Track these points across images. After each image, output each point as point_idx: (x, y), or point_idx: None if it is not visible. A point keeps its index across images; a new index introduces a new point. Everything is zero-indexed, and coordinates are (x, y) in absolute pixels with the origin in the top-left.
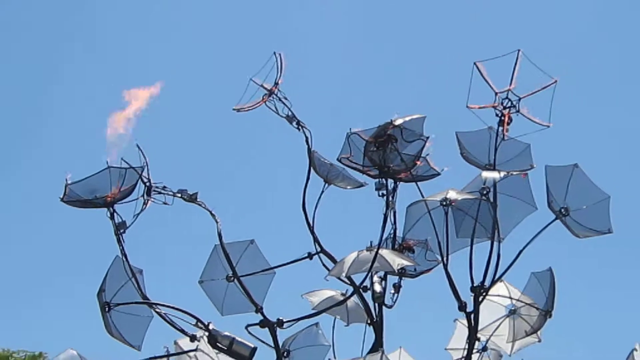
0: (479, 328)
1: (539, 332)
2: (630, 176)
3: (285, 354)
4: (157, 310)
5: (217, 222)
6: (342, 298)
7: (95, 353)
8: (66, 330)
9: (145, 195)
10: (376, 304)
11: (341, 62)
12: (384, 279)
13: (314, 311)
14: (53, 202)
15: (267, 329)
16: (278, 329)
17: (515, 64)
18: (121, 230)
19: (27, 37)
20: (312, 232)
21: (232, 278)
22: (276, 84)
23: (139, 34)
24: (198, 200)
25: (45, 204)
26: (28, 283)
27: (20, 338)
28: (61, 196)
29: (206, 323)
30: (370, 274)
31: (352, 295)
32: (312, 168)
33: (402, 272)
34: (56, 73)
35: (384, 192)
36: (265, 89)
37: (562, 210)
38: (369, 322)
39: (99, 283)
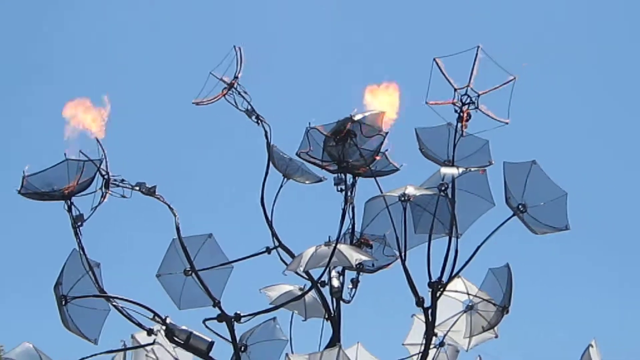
0: (436, 323)
1: (495, 328)
2: (588, 173)
3: (242, 349)
4: (114, 303)
5: (175, 216)
6: (300, 293)
7: (52, 347)
8: (22, 324)
9: (103, 188)
10: (334, 299)
11: (301, 57)
12: (341, 274)
13: (271, 306)
14: (10, 195)
15: (224, 323)
16: (235, 323)
17: (475, 60)
18: (78, 224)
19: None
20: (271, 227)
21: (190, 272)
22: (236, 77)
23: (98, 23)
24: (156, 193)
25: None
26: None
27: None
28: (19, 188)
29: (163, 317)
30: (328, 269)
31: (310, 290)
32: (271, 162)
33: (360, 267)
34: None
35: (343, 187)
36: (225, 82)
37: (520, 206)
38: (326, 317)
39: (56, 276)
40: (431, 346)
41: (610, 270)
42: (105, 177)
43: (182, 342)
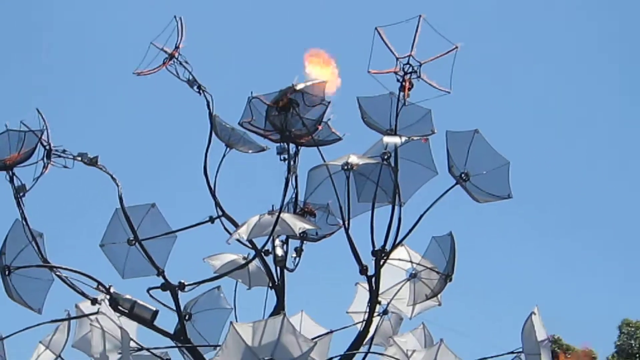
0: (380, 292)
1: (439, 296)
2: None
3: (187, 317)
4: (57, 273)
5: (117, 186)
6: (243, 262)
7: None
8: None
9: (45, 158)
10: (278, 268)
11: (242, 27)
12: (285, 242)
13: (215, 274)
14: None
15: (168, 292)
16: (180, 292)
17: (417, 29)
18: (21, 194)
19: None
20: (214, 196)
21: (134, 241)
22: (177, 47)
23: None
24: (99, 163)
25: None
26: None
27: None
28: None
29: (107, 286)
30: (272, 238)
31: (253, 258)
32: (213, 132)
33: (303, 236)
34: None
35: (286, 156)
36: (166, 52)
37: (463, 175)
38: (270, 285)
39: None
40: (375, 314)
41: (550, 237)
42: (47, 147)
43: (127, 311)
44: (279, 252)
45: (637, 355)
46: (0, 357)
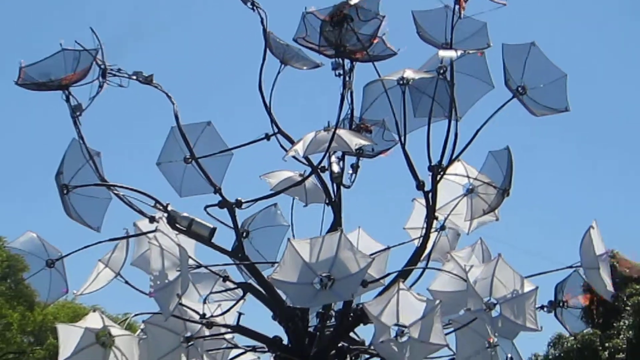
0: (437, 207)
1: (496, 211)
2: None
3: (244, 235)
4: (115, 192)
5: (173, 104)
6: (300, 178)
7: (55, 236)
8: (25, 215)
9: (100, 77)
10: (334, 184)
11: None
12: (341, 159)
13: (272, 192)
14: (7, 88)
15: (226, 209)
16: (237, 209)
17: None
18: (77, 113)
19: None
20: (269, 113)
21: (190, 160)
22: None
23: None
24: (154, 82)
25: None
26: None
27: None
28: (16, 79)
29: (165, 204)
30: (328, 154)
31: (310, 175)
32: (268, 49)
33: (359, 152)
34: None
35: (341, 72)
36: None
37: (520, 88)
38: (327, 202)
39: (56, 167)
40: (432, 230)
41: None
42: (102, 66)
43: (185, 229)
44: (336, 168)
45: None
46: (60, 275)
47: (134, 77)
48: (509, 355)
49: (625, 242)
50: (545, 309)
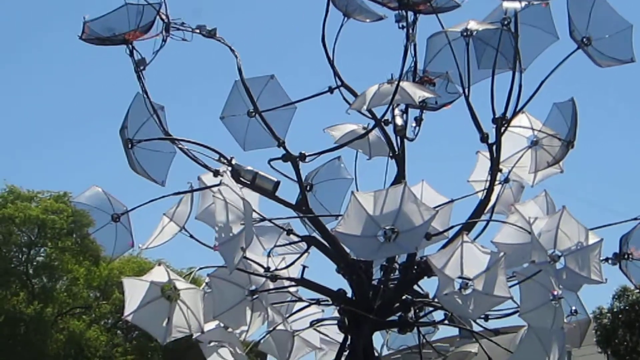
0: (501, 159)
1: (561, 163)
2: None
3: (308, 188)
4: (179, 146)
5: (236, 57)
6: (363, 131)
7: (120, 190)
8: (90, 170)
9: (163, 31)
10: (398, 137)
11: None
12: (405, 112)
13: (336, 145)
14: (72, 43)
15: (289, 163)
16: (300, 162)
17: None
18: (141, 67)
19: None
20: (333, 66)
21: (254, 113)
22: None
23: None
24: (217, 35)
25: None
26: (50, 125)
27: (44, 179)
28: (80, 34)
29: (229, 158)
30: (391, 107)
31: (373, 128)
32: (330, 1)
33: (423, 105)
34: None
35: (404, 24)
36: None
37: (584, 39)
38: (391, 155)
39: (121, 121)
40: (496, 182)
41: None
42: (165, 20)
43: (249, 183)
44: (399, 121)
45: None
46: (125, 229)
47: (197, 31)
48: (573, 308)
49: None
50: (609, 261)
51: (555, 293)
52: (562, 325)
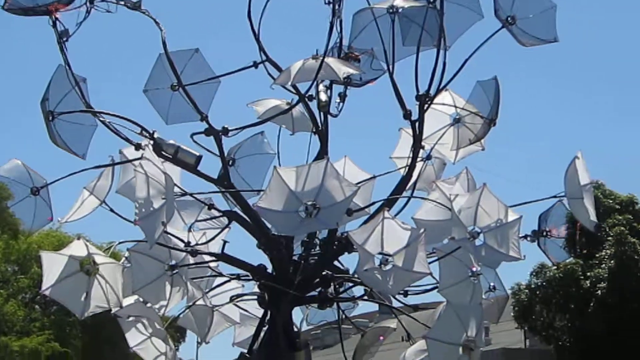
0: (424, 136)
1: (482, 141)
2: None
3: (230, 162)
4: (101, 119)
5: (161, 30)
6: (287, 107)
7: (40, 163)
8: (9, 142)
9: (87, 2)
10: (321, 113)
11: None
12: (329, 87)
13: (259, 120)
14: None
15: (212, 137)
16: (223, 137)
17: None
18: (64, 39)
19: None
20: (258, 41)
21: (177, 87)
22: None
23: None
24: (142, 8)
25: None
26: None
27: None
28: (2, 4)
29: (151, 131)
30: (315, 83)
31: (297, 103)
32: None
33: (347, 81)
34: None
35: (330, 0)
36: None
37: (509, 18)
38: (314, 130)
39: (42, 93)
40: (418, 159)
41: (597, 84)
42: None
43: (170, 157)
44: (323, 97)
45: None
46: (44, 203)
47: (122, 3)
48: (492, 284)
49: (611, 172)
50: (528, 239)
51: (474, 269)
52: (480, 301)
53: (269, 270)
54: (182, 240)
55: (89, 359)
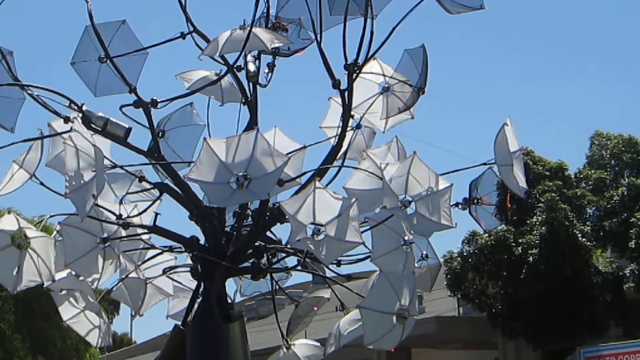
0: (353, 106)
1: (412, 109)
2: None
3: (160, 134)
4: (29, 92)
5: (87, 2)
6: (216, 78)
7: None
8: None
9: None
10: (250, 83)
11: None
12: (257, 58)
13: (188, 91)
14: None
15: (141, 109)
16: (152, 109)
17: None
18: None
19: None
20: (185, 12)
21: (105, 59)
22: None
23: None
24: None
25: None
26: None
27: None
28: None
29: (79, 104)
30: (244, 53)
31: (225, 74)
32: None
33: (275, 51)
34: None
35: None
36: None
37: None
38: (243, 101)
39: None
40: (348, 128)
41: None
42: None
43: (100, 129)
44: (251, 67)
45: (608, 166)
46: None
47: None
48: (424, 253)
49: (540, 139)
50: (459, 206)
51: (406, 238)
52: (413, 269)
53: (202, 242)
54: (113, 213)
55: (23, 333)
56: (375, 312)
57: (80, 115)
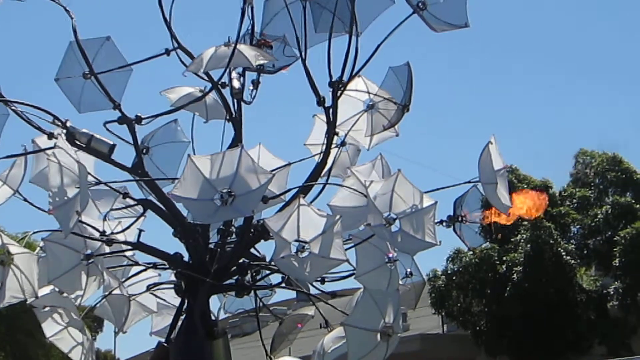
0: (338, 123)
1: (396, 127)
2: None
3: (144, 151)
4: (12, 108)
5: (72, 18)
6: (200, 94)
7: None
8: None
9: None
10: (235, 100)
11: None
12: (242, 75)
13: (172, 107)
14: None
15: (125, 125)
16: (137, 125)
17: None
18: None
19: None
20: (169, 29)
21: (89, 75)
22: None
23: None
24: None
25: None
26: None
27: None
28: None
29: (64, 120)
30: (228, 70)
31: (210, 91)
32: None
33: (260, 68)
34: None
35: None
36: None
37: (420, 4)
38: (228, 118)
39: None
40: (332, 146)
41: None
42: None
43: (84, 145)
44: (236, 84)
45: (592, 184)
46: None
47: None
48: (409, 270)
49: (525, 157)
50: (444, 224)
51: (391, 255)
52: (397, 287)
53: (186, 258)
54: (97, 230)
55: (6, 349)
56: (359, 330)
57: (64, 131)
